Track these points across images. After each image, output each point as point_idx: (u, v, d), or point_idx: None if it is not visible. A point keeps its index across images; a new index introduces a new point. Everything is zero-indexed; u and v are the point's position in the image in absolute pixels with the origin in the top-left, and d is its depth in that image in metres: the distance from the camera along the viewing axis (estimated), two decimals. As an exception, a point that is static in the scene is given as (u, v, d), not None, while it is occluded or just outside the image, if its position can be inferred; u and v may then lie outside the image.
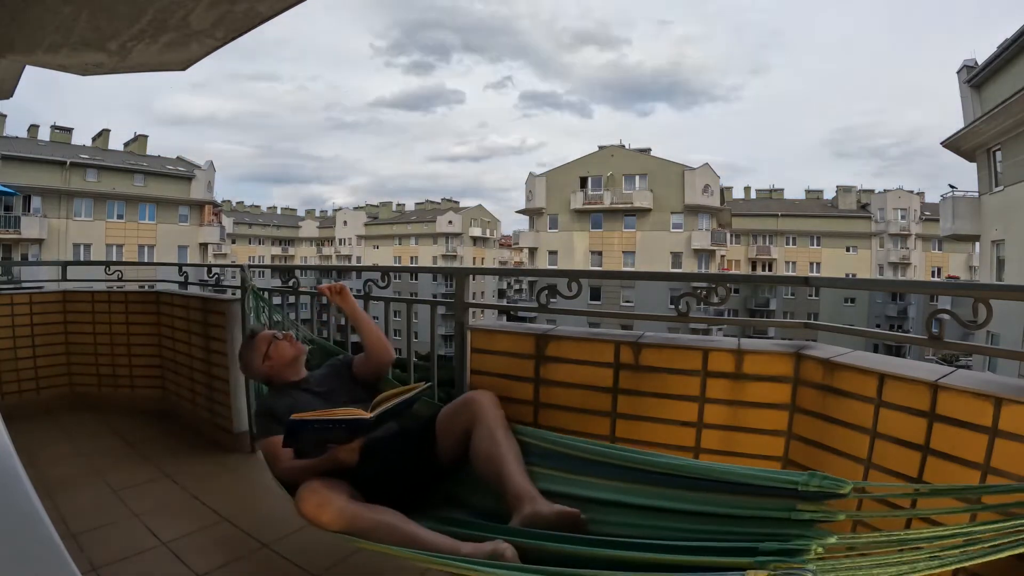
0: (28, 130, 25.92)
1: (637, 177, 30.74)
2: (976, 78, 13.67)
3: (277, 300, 3.05)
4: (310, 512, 1.47)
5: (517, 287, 45.40)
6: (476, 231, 47.00)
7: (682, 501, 1.32)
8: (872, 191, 37.07)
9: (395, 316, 2.65)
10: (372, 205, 55.21)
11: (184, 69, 2.23)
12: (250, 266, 2.86)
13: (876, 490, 1.32)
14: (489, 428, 1.62)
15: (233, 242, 43.82)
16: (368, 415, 1.56)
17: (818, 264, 35.26)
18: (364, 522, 1.44)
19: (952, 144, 13.91)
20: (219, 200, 32.77)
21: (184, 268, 3.90)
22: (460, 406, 1.73)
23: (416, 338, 2.46)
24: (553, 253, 31.58)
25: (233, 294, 3.15)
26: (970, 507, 1.11)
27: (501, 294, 44.99)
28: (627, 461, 1.46)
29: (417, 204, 52.75)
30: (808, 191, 40.03)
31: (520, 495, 1.45)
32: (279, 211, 55.55)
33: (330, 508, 1.45)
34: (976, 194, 13.97)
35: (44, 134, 26.30)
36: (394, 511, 1.48)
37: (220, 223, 30.12)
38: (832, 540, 1.05)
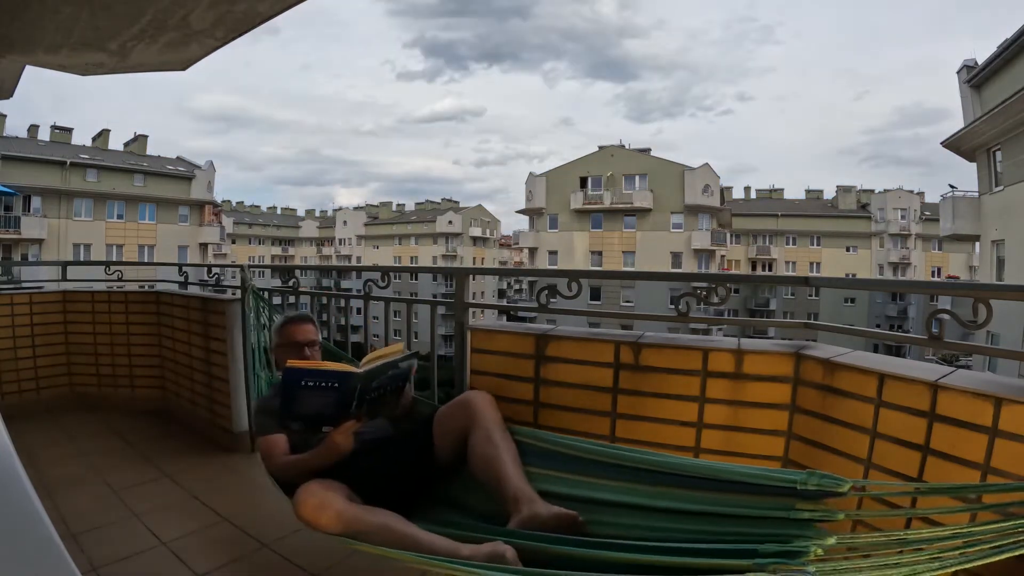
0: (28, 130, 25.94)
1: (637, 177, 30.74)
2: (976, 78, 13.68)
3: (277, 300, 3.05)
4: (309, 515, 1.46)
5: (517, 287, 45.39)
6: (476, 231, 47.00)
7: (681, 500, 1.32)
8: (872, 191, 37.09)
9: (395, 316, 2.65)
10: (372, 205, 55.23)
11: (184, 69, 2.23)
12: (250, 266, 2.86)
13: (875, 488, 1.32)
14: (486, 430, 1.61)
15: (233, 242, 43.82)
16: (359, 369, 1.58)
17: (818, 264, 35.26)
18: (363, 524, 1.43)
19: (952, 144, 13.91)
20: (219, 200, 32.76)
21: (184, 268, 3.90)
22: (456, 407, 1.72)
23: (416, 338, 2.46)
24: (553, 253, 31.56)
25: (233, 294, 3.15)
26: (970, 507, 1.10)
27: (501, 294, 44.98)
28: (626, 460, 1.45)
29: (417, 204, 52.79)
30: (808, 191, 40.07)
31: (518, 497, 1.45)
32: (279, 211, 55.58)
33: (329, 510, 1.45)
34: (976, 194, 13.97)
35: (44, 134, 26.33)
36: (392, 513, 1.47)
37: (220, 223, 30.12)
38: (832, 541, 1.04)
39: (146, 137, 28.68)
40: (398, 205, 53.81)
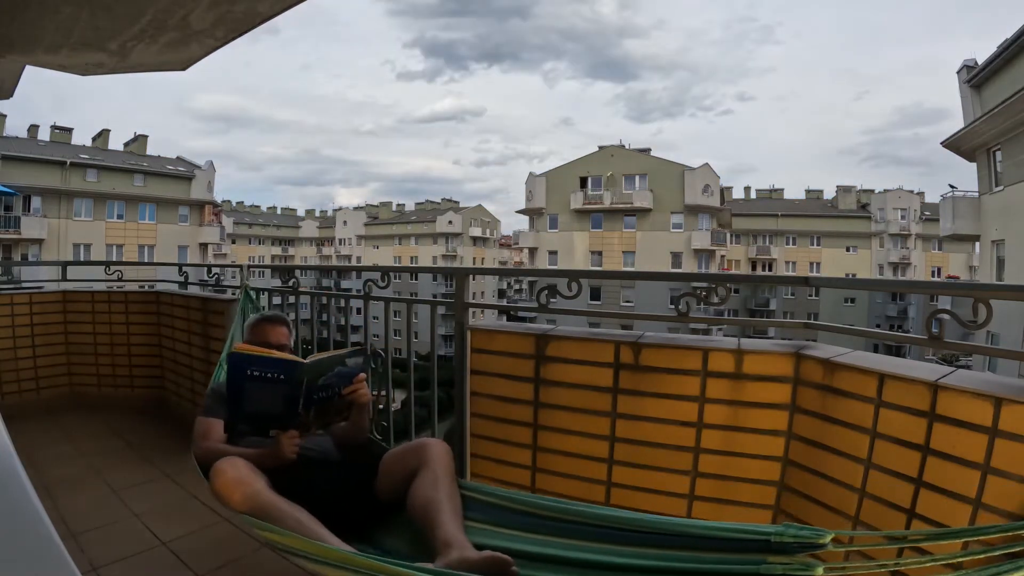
0: (28, 130, 25.94)
1: (637, 177, 30.75)
2: (976, 78, 13.68)
3: (277, 300, 3.05)
4: (222, 486, 1.40)
5: (517, 287, 45.39)
6: (476, 231, 47.01)
7: (635, 558, 1.25)
8: (872, 191, 37.09)
9: (395, 316, 2.65)
10: (372, 205, 55.24)
11: (184, 69, 2.23)
12: (250, 266, 2.86)
13: (861, 539, 1.26)
14: (435, 474, 1.56)
15: (233, 242, 43.81)
16: (304, 360, 1.57)
17: (818, 264, 35.26)
18: (276, 511, 1.38)
19: (952, 144, 13.91)
20: (219, 200, 32.76)
21: (184, 268, 3.90)
22: (411, 449, 1.68)
23: (416, 338, 2.46)
24: (553, 253, 31.57)
25: (233, 294, 3.16)
26: (959, 554, 1.04)
27: (501, 294, 44.99)
28: (579, 517, 1.38)
29: (417, 204, 52.81)
30: (808, 191, 40.08)
31: (449, 541, 1.38)
32: (279, 211, 55.59)
33: (246, 487, 1.39)
34: (976, 194, 13.98)
35: (44, 134, 26.33)
36: (309, 513, 1.41)
37: (220, 223, 30.12)
38: None
39: (146, 137, 28.70)
40: (398, 205, 53.87)
